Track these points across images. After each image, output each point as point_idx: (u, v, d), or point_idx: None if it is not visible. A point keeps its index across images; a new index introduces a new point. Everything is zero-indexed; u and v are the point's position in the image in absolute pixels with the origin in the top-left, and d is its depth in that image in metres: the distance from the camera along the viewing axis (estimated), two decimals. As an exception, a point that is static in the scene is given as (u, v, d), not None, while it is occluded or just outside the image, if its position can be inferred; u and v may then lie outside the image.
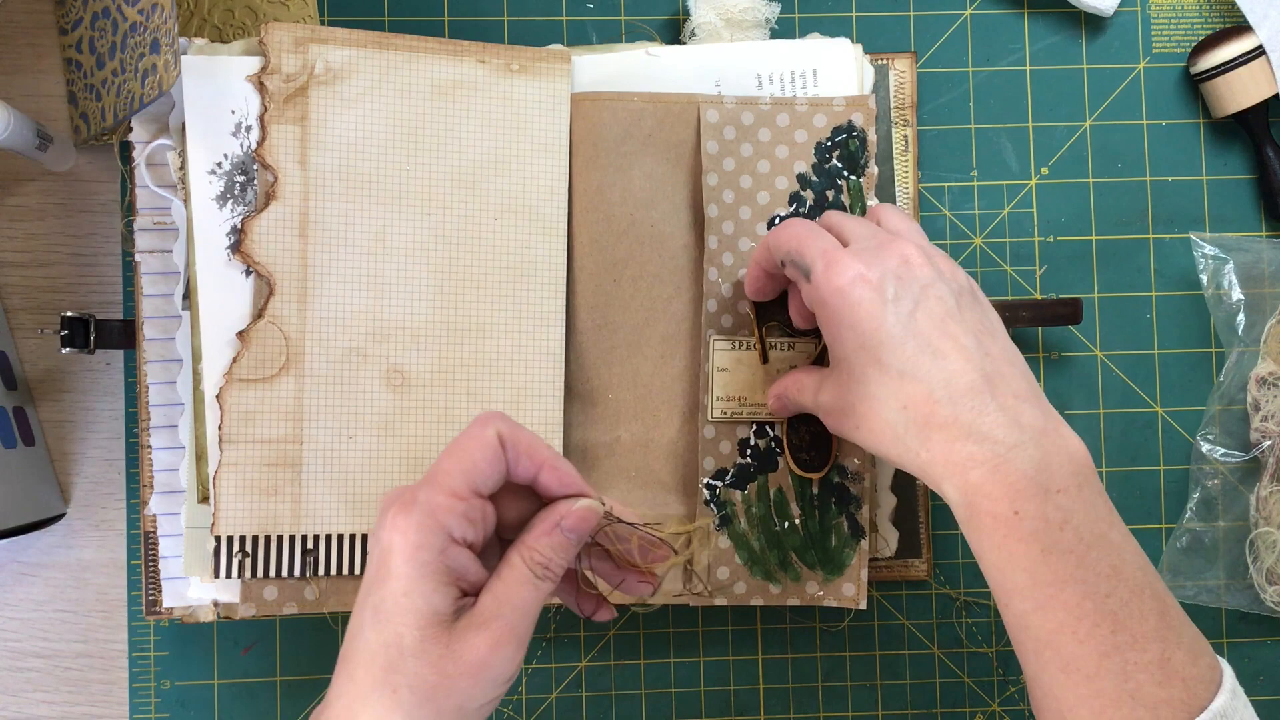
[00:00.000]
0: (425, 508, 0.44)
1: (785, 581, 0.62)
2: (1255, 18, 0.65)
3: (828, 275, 0.50)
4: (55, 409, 0.65)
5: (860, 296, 0.50)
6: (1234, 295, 0.66)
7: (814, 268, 0.51)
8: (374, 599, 0.44)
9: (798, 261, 0.52)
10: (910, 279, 0.50)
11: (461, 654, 0.44)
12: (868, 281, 0.50)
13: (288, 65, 0.58)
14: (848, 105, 0.62)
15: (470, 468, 0.45)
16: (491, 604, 0.45)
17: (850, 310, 0.50)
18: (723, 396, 0.61)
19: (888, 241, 0.51)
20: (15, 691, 0.64)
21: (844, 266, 0.50)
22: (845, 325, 0.50)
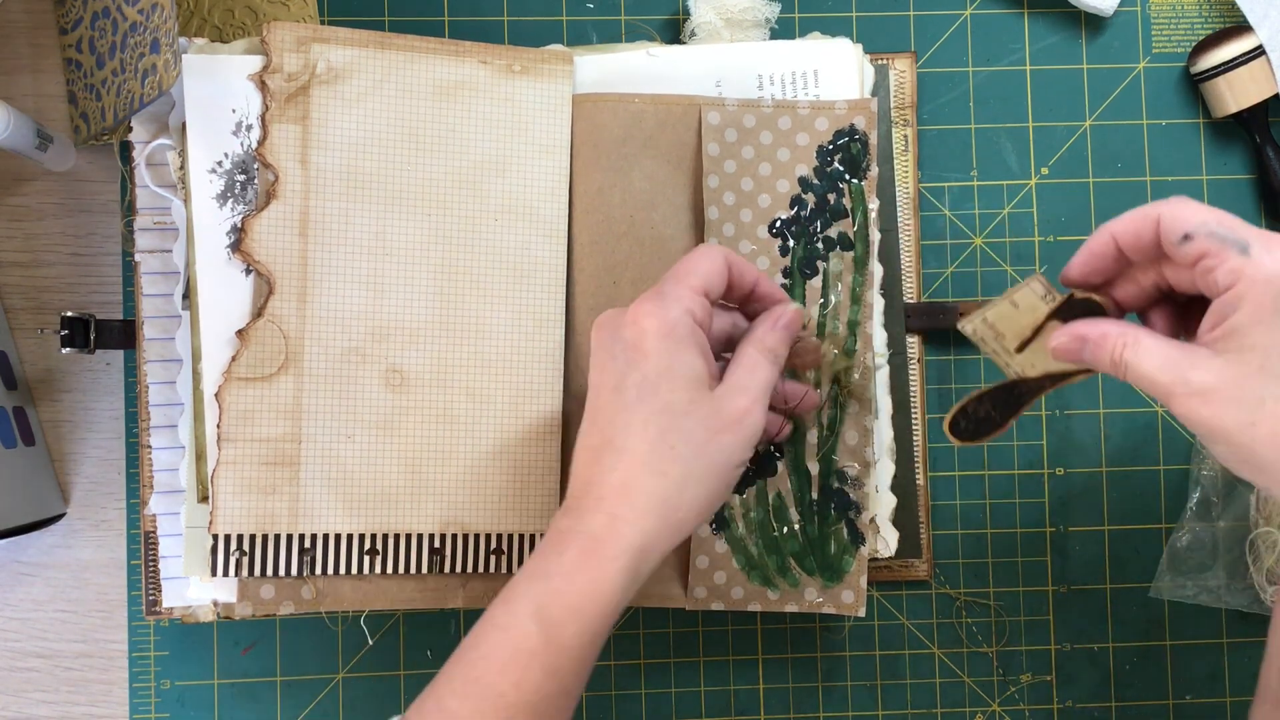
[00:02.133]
0: (673, 295, 0.51)
1: (783, 587, 0.61)
2: (1255, 18, 0.65)
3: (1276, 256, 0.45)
4: (55, 409, 0.65)
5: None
6: (1234, 295, 0.66)
7: (1258, 241, 0.46)
8: (633, 380, 0.50)
9: (1227, 232, 0.46)
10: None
11: (725, 410, 0.50)
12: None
13: (289, 64, 0.58)
14: (850, 108, 0.62)
15: (706, 271, 0.52)
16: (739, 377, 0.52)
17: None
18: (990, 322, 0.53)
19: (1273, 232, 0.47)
20: (15, 691, 0.64)
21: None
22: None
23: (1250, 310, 0.45)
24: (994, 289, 0.67)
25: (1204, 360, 0.46)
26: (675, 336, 0.50)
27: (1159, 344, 0.48)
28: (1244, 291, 0.45)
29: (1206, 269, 0.46)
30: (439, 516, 0.60)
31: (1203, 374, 0.46)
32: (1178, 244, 0.47)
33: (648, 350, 0.50)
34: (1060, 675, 0.67)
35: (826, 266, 0.62)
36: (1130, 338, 0.48)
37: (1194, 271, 0.47)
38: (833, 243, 0.62)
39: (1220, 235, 0.46)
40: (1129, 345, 0.48)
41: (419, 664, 0.65)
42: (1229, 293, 0.46)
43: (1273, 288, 0.45)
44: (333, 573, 0.59)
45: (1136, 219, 0.49)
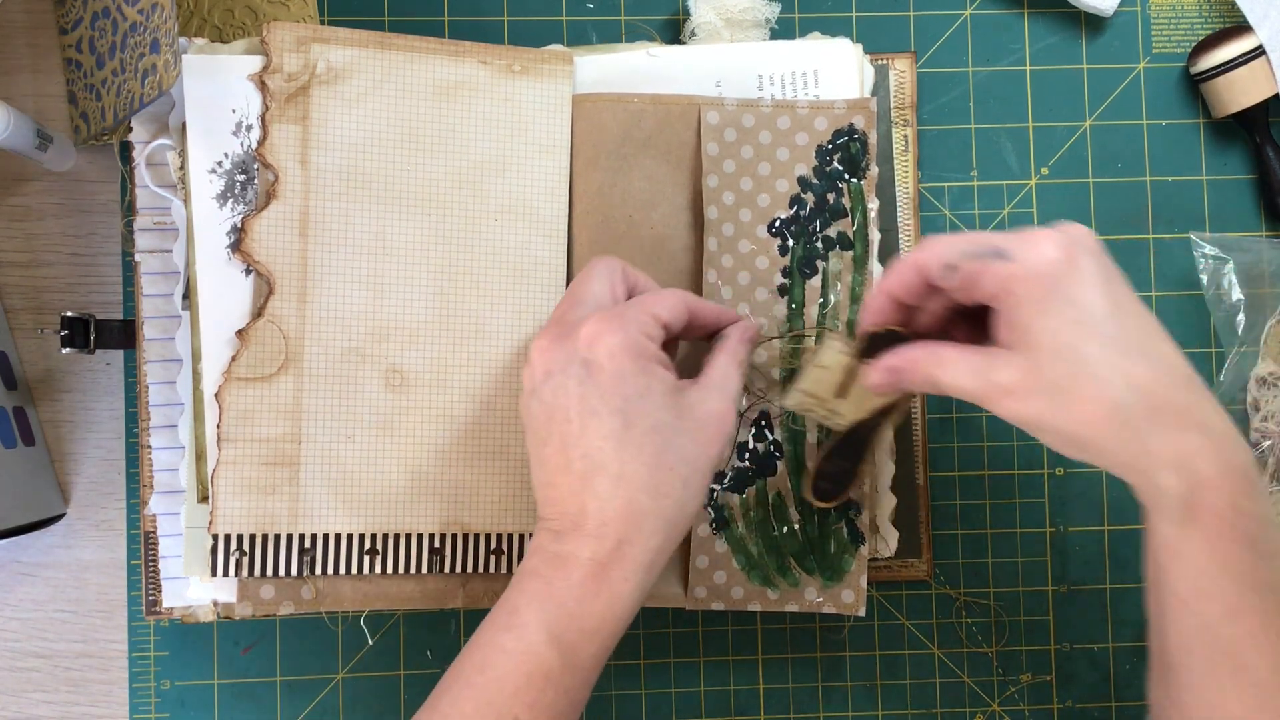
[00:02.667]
0: (633, 318, 0.51)
1: (783, 587, 0.61)
2: (1255, 18, 0.65)
3: (1034, 248, 0.48)
4: (55, 409, 0.65)
5: (1078, 266, 0.47)
6: (1234, 295, 0.66)
7: (1010, 246, 0.48)
8: (611, 403, 0.49)
9: (981, 249, 0.49)
10: (1102, 254, 0.49)
11: (710, 421, 0.52)
12: (1079, 253, 0.48)
13: (289, 65, 0.58)
14: (849, 108, 0.62)
15: (670, 305, 0.53)
16: (715, 383, 0.53)
17: (1068, 281, 0.47)
18: (807, 391, 0.57)
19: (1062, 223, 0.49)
20: (15, 691, 0.64)
21: (1046, 239, 0.48)
22: (1060, 298, 0.47)
23: (1027, 306, 0.47)
24: (994, 289, 0.67)
25: (1004, 360, 0.48)
26: (645, 354, 0.51)
27: (962, 355, 0.50)
28: (1017, 291, 0.48)
29: (977, 288, 0.49)
30: (439, 516, 0.60)
31: (1006, 373, 0.48)
32: (947, 279, 0.50)
33: (621, 371, 0.50)
34: (1060, 675, 0.67)
35: (826, 266, 0.62)
36: (935, 356, 0.50)
37: (972, 295, 0.50)
38: (832, 242, 0.62)
39: (976, 254, 0.49)
40: (935, 362, 0.50)
41: (419, 664, 0.65)
42: (1006, 298, 0.48)
43: (1038, 280, 0.47)
44: (333, 573, 0.59)
45: (903, 272, 0.52)
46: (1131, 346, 0.47)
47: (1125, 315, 0.47)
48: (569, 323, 0.51)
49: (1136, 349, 0.47)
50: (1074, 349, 0.47)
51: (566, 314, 0.52)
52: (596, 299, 0.53)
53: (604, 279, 0.54)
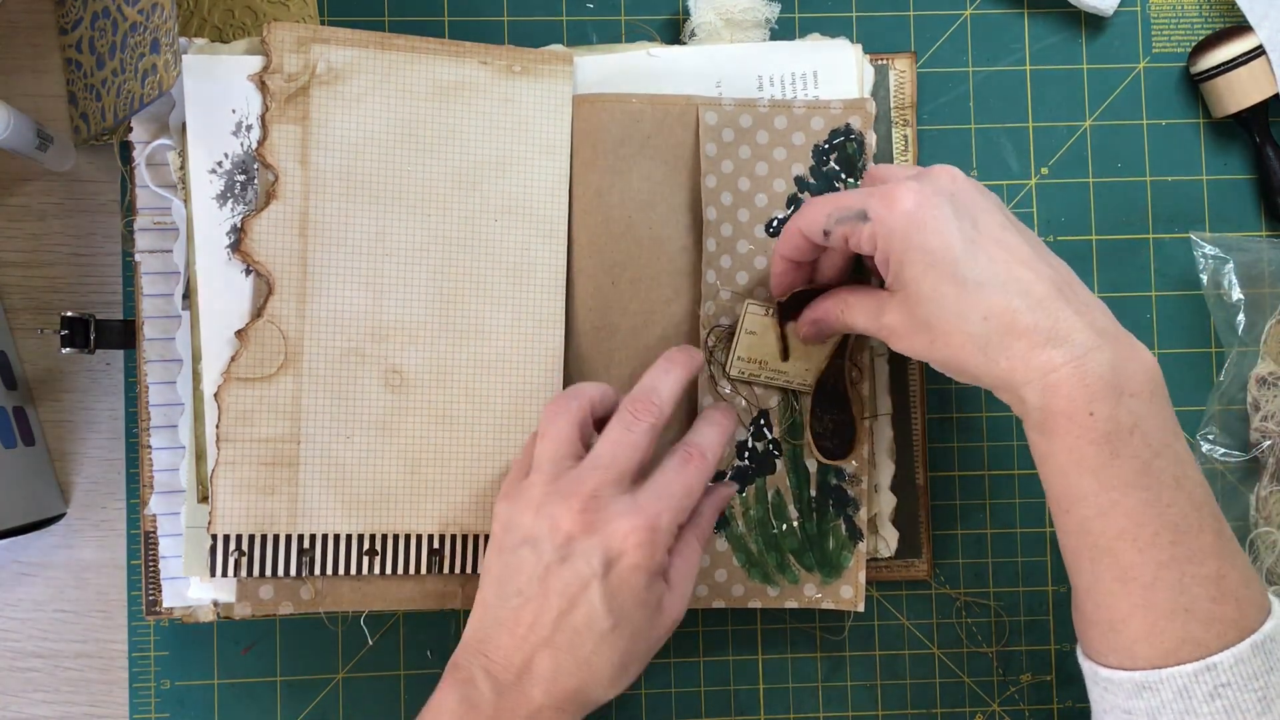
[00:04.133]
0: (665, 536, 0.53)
1: (783, 584, 0.62)
2: (1255, 18, 0.65)
3: (889, 205, 0.51)
4: (55, 409, 0.65)
5: (927, 216, 0.51)
6: (1234, 295, 0.66)
7: (870, 205, 0.52)
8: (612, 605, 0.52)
9: (846, 213, 0.53)
10: (964, 194, 0.52)
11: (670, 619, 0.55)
12: (930, 202, 0.51)
13: (289, 65, 0.58)
14: (845, 108, 0.62)
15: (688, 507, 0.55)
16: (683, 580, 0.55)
17: (919, 231, 0.51)
18: (744, 357, 0.60)
19: (930, 168, 0.53)
20: (15, 691, 0.64)
21: (902, 193, 0.51)
22: (914, 247, 0.51)
23: (894, 257, 0.52)
24: (994, 289, 0.67)
25: (890, 303, 0.53)
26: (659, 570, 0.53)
27: (862, 298, 0.55)
28: (882, 246, 0.52)
29: (855, 245, 0.53)
30: (439, 517, 0.60)
31: (890, 315, 0.53)
32: (824, 241, 0.55)
33: (634, 585, 0.52)
34: (1060, 675, 0.67)
35: (825, 266, 0.62)
36: (840, 301, 0.56)
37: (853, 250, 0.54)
38: (831, 242, 0.62)
39: (844, 217, 0.53)
40: (844, 309, 0.56)
41: (419, 664, 0.65)
42: (877, 253, 0.52)
43: (895, 232, 0.51)
44: (332, 573, 0.59)
45: (790, 237, 0.56)
46: (986, 278, 0.50)
47: (979, 249, 0.51)
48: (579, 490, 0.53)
49: (992, 279, 0.50)
50: (931, 290, 0.51)
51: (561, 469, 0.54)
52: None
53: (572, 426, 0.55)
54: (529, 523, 0.53)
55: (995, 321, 0.50)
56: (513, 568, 0.53)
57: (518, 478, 0.55)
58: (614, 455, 0.53)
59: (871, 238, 0.52)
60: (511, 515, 0.54)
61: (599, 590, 0.51)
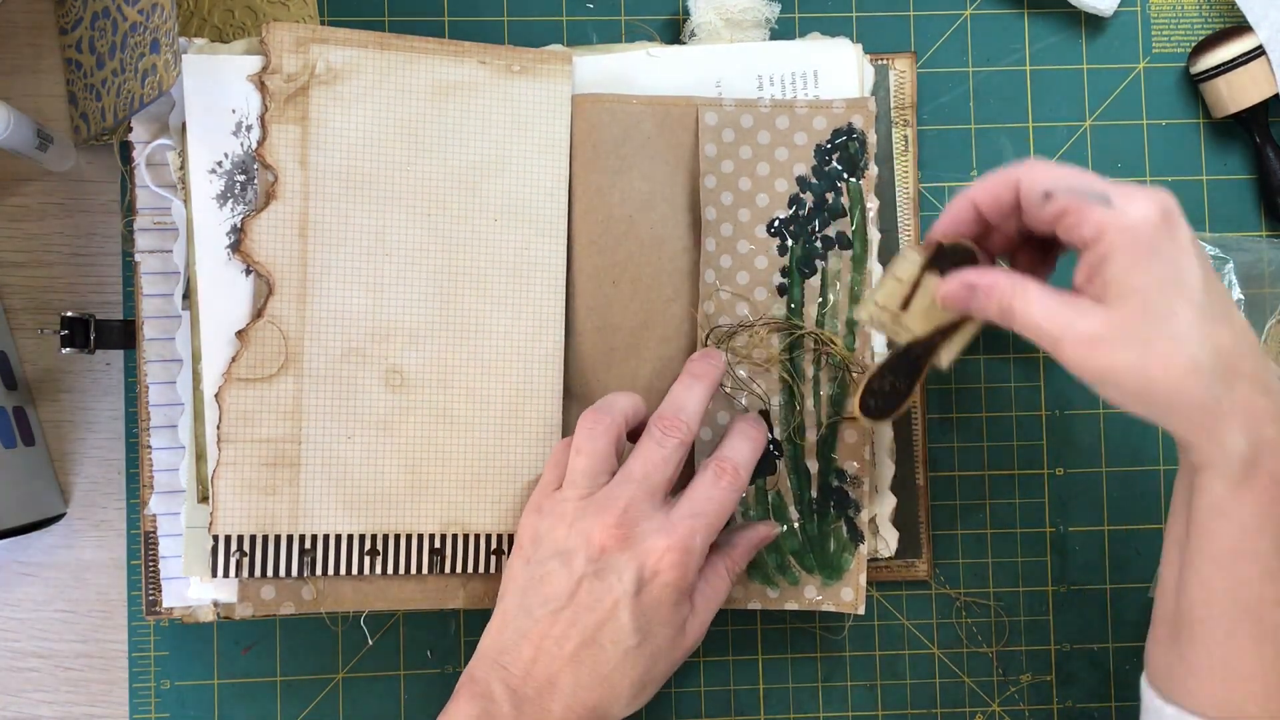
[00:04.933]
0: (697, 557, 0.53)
1: (783, 586, 0.62)
2: (1255, 18, 0.65)
3: (1139, 204, 0.48)
4: (55, 409, 0.65)
5: (1177, 231, 0.48)
6: (1234, 295, 0.66)
7: (1114, 196, 0.48)
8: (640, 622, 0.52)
9: (1085, 188, 0.49)
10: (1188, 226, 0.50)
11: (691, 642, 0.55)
12: (1179, 219, 0.49)
13: (289, 65, 0.58)
14: (847, 108, 0.62)
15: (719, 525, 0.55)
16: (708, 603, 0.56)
17: (1169, 243, 0.48)
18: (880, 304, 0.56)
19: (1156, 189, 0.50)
20: (15, 691, 0.64)
21: (1150, 198, 0.48)
22: (1161, 258, 0.48)
23: (1123, 258, 0.48)
24: (994, 289, 0.67)
25: (1088, 309, 0.48)
26: (689, 590, 0.53)
27: (1045, 293, 0.50)
28: (1114, 241, 0.48)
29: (1070, 225, 0.49)
30: (439, 517, 0.60)
31: (1090, 321, 0.48)
32: (1039, 204, 0.50)
33: (663, 603, 0.52)
34: (1060, 675, 0.67)
35: (825, 265, 0.62)
36: (1019, 286, 0.50)
37: (1058, 227, 0.50)
38: (831, 241, 0.62)
39: (1079, 190, 0.49)
40: (1018, 294, 0.50)
41: (419, 664, 0.65)
42: (1097, 246, 0.48)
43: (1139, 234, 0.47)
44: (333, 573, 0.59)
45: (995, 183, 0.52)
46: (1216, 312, 0.48)
47: (1211, 283, 0.49)
48: (614, 505, 0.53)
49: (1220, 315, 0.48)
50: (1166, 308, 0.47)
51: (596, 485, 0.54)
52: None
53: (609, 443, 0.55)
54: (562, 536, 0.53)
55: (1225, 357, 0.48)
56: (540, 580, 0.53)
57: (549, 489, 0.56)
58: (646, 471, 0.54)
59: (1099, 226, 0.48)
60: (542, 528, 0.54)
61: (628, 607, 0.51)
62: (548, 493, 0.56)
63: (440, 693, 0.64)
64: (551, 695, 0.52)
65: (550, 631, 0.52)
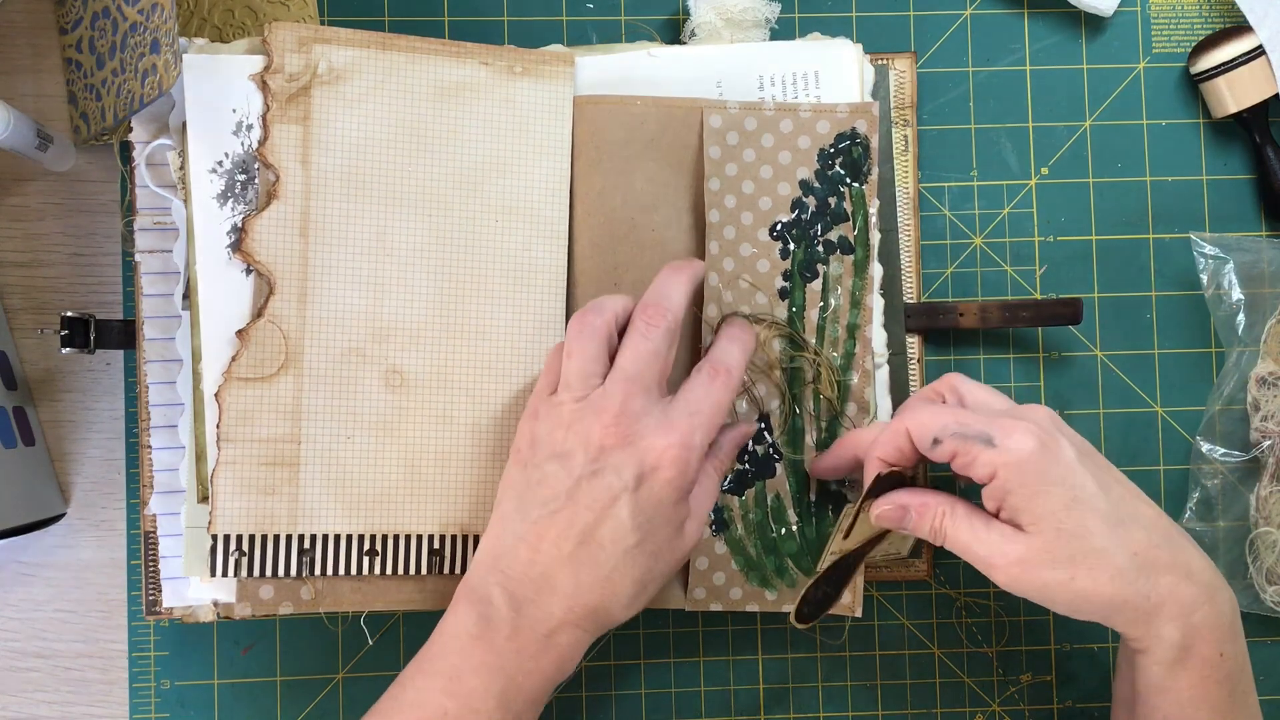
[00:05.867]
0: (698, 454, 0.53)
1: (781, 588, 0.62)
2: (1255, 18, 0.65)
3: (1017, 439, 0.52)
4: (55, 409, 0.65)
5: (1058, 454, 0.52)
6: (1234, 295, 0.66)
7: (994, 434, 0.52)
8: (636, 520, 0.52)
9: (966, 430, 0.52)
10: (1070, 433, 0.54)
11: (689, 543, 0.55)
12: (1055, 441, 0.52)
13: (291, 65, 0.58)
14: (851, 112, 0.62)
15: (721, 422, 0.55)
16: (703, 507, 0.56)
17: (1055, 466, 0.51)
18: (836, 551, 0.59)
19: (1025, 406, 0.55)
20: (15, 691, 0.64)
21: (1026, 429, 0.52)
22: (1053, 482, 0.51)
23: (1021, 491, 0.52)
24: (994, 289, 0.67)
25: (1010, 535, 0.52)
26: (688, 488, 0.53)
27: (972, 517, 0.54)
28: (1007, 478, 0.52)
29: (963, 465, 0.53)
30: (438, 517, 0.60)
31: (1014, 547, 0.52)
32: (930, 449, 0.54)
33: (663, 501, 0.52)
34: (1060, 675, 0.67)
35: (827, 270, 0.62)
36: (947, 507, 0.54)
37: (953, 465, 0.53)
38: (833, 246, 0.62)
39: (963, 434, 0.53)
40: (947, 515, 0.54)
41: (419, 664, 0.65)
42: (994, 483, 0.52)
43: (1026, 468, 0.51)
44: (332, 573, 0.59)
45: (892, 438, 0.55)
46: (1123, 515, 0.52)
47: (1109, 486, 0.53)
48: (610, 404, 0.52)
49: (1127, 516, 0.52)
50: (1077, 527, 0.51)
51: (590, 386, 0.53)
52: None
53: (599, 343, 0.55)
54: (560, 439, 0.53)
55: (1141, 557, 0.51)
56: (538, 482, 0.53)
57: (544, 394, 0.55)
58: (638, 368, 0.53)
59: (989, 465, 0.52)
60: (539, 431, 0.54)
61: (628, 503, 0.51)
62: (543, 397, 0.55)
63: (440, 693, 0.64)
64: (551, 596, 0.52)
65: (548, 533, 0.52)
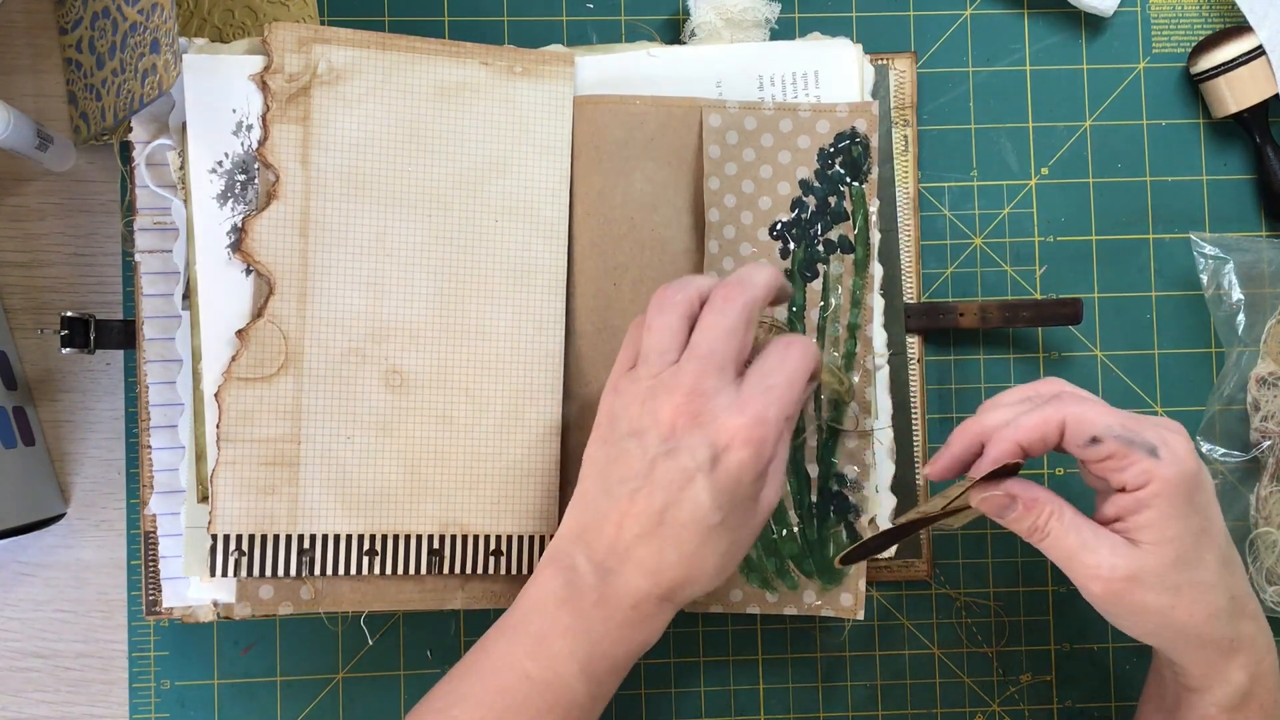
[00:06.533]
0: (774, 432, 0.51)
1: (782, 590, 0.61)
2: (1255, 18, 0.65)
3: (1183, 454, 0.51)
4: (55, 409, 0.65)
5: (1207, 481, 0.52)
6: (1234, 295, 0.66)
7: (1159, 445, 0.51)
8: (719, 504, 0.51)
9: (1134, 436, 0.51)
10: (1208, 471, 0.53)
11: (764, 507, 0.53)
12: (1202, 468, 0.51)
13: (291, 65, 0.58)
14: (851, 111, 0.62)
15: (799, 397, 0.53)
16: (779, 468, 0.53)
17: (1201, 493, 0.51)
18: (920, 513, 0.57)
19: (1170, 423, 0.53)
20: (15, 691, 0.64)
21: (1189, 445, 0.51)
22: (1197, 509, 0.51)
23: (1164, 508, 0.50)
24: (994, 289, 0.67)
25: (1121, 547, 0.51)
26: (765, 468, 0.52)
27: (1080, 521, 0.52)
28: (1158, 490, 0.50)
29: (1113, 468, 0.51)
30: (438, 517, 0.60)
31: (1124, 560, 0.51)
32: (1084, 446, 0.51)
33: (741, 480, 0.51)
34: (1060, 675, 0.67)
35: (827, 269, 0.62)
36: (1058, 508, 0.52)
37: (1099, 467, 0.52)
38: (833, 245, 0.62)
39: (1127, 439, 0.51)
40: (1055, 515, 0.52)
41: (419, 664, 0.65)
42: (1142, 491, 0.51)
43: (1182, 488, 0.50)
44: (332, 573, 0.59)
45: (1040, 426, 0.52)
46: (1231, 556, 0.52)
47: (1226, 528, 0.53)
48: (682, 382, 0.51)
49: (1234, 560, 0.52)
50: (1196, 557, 0.51)
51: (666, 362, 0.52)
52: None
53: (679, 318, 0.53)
54: (635, 415, 0.52)
55: (1238, 601, 0.52)
56: (617, 460, 0.52)
57: (624, 369, 0.54)
58: (711, 344, 0.52)
59: (1146, 474, 0.50)
60: (617, 408, 0.53)
61: (705, 484, 0.50)
62: (623, 371, 0.54)
63: (440, 693, 0.64)
64: (637, 570, 0.51)
65: (631, 510, 0.51)
